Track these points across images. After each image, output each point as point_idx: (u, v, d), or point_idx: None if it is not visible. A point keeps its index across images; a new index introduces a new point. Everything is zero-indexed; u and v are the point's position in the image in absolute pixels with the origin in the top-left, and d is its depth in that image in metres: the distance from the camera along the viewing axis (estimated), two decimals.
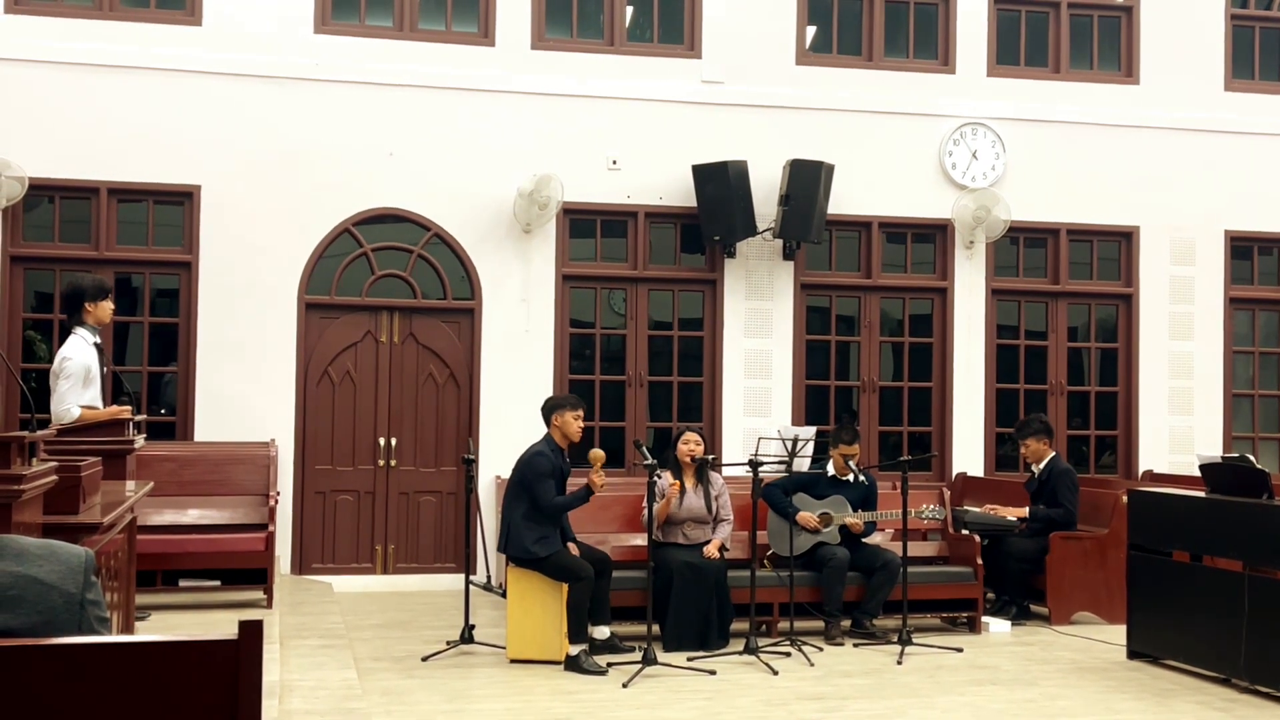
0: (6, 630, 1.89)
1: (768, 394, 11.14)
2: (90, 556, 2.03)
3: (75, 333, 7.32)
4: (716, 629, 8.19)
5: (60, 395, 7.09)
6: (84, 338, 7.30)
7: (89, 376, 7.18)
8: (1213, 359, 11.98)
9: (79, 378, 7.09)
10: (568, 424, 7.97)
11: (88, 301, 7.36)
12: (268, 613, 8.17)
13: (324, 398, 10.53)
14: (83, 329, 7.33)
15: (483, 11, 10.85)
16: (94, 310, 7.37)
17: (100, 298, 7.40)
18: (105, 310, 7.45)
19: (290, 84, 10.42)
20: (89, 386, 7.16)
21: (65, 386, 7.09)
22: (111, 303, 7.54)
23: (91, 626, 1.97)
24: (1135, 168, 11.82)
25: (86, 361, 7.19)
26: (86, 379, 7.15)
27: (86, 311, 7.35)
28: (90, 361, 7.23)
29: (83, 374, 7.13)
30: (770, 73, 11.23)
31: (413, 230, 10.70)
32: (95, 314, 7.38)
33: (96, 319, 7.40)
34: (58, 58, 10.02)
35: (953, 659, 8.07)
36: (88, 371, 7.17)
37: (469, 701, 6.85)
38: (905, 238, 11.64)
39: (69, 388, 7.07)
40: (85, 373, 7.15)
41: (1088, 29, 12.04)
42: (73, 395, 7.05)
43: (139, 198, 10.30)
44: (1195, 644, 7.51)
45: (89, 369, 7.19)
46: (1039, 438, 9.76)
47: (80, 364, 7.13)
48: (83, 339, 7.29)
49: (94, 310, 7.37)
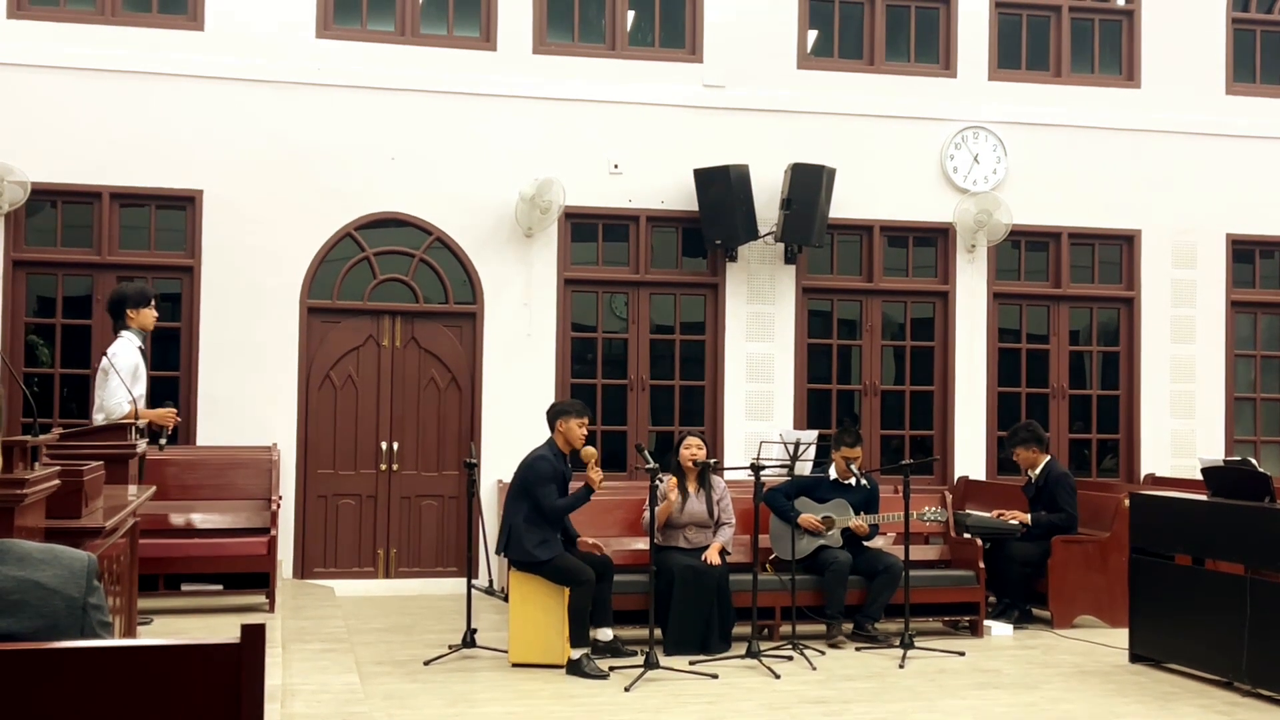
0: (9, 635, 1.89)
1: (769, 398, 11.14)
2: (93, 561, 2.03)
3: (122, 335, 7.60)
4: (718, 633, 8.19)
5: (111, 390, 7.34)
6: (129, 339, 7.57)
7: (137, 374, 7.43)
8: (1214, 362, 11.97)
9: (128, 373, 7.32)
10: (572, 430, 7.98)
11: (129, 308, 7.63)
12: (270, 617, 8.16)
13: (326, 402, 10.53)
14: (128, 332, 7.61)
15: (484, 16, 10.86)
16: (136, 316, 7.65)
17: (142, 304, 7.68)
18: (148, 317, 7.72)
19: (292, 88, 10.43)
20: (136, 383, 7.41)
21: (116, 381, 7.31)
22: (154, 310, 7.80)
23: (94, 631, 1.97)
24: (1137, 171, 11.83)
25: (134, 360, 7.47)
26: (134, 376, 7.39)
27: (129, 317, 7.62)
28: (138, 360, 7.52)
29: (131, 371, 7.37)
30: (772, 76, 11.23)
31: (414, 234, 10.70)
32: (138, 320, 7.66)
33: (140, 324, 7.67)
34: (60, 62, 10.03)
35: (955, 663, 8.06)
36: (135, 369, 7.43)
37: (471, 705, 6.85)
38: (907, 241, 11.65)
39: (118, 383, 7.28)
40: (134, 370, 7.40)
41: (1089, 32, 12.04)
42: (122, 391, 7.26)
43: (141, 202, 10.31)
44: (1197, 647, 7.51)
45: (137, 367, 7.46)
46: (1027, 447, 9.75)
47: (129, 361, 7.41)
48: (128, 340, 7.57)
49: (136, 316, 7.65)
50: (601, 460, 8.09)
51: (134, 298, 7.68)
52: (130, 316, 7.62)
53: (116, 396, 7.28)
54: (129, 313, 7.62)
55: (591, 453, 7.81)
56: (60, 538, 3.82)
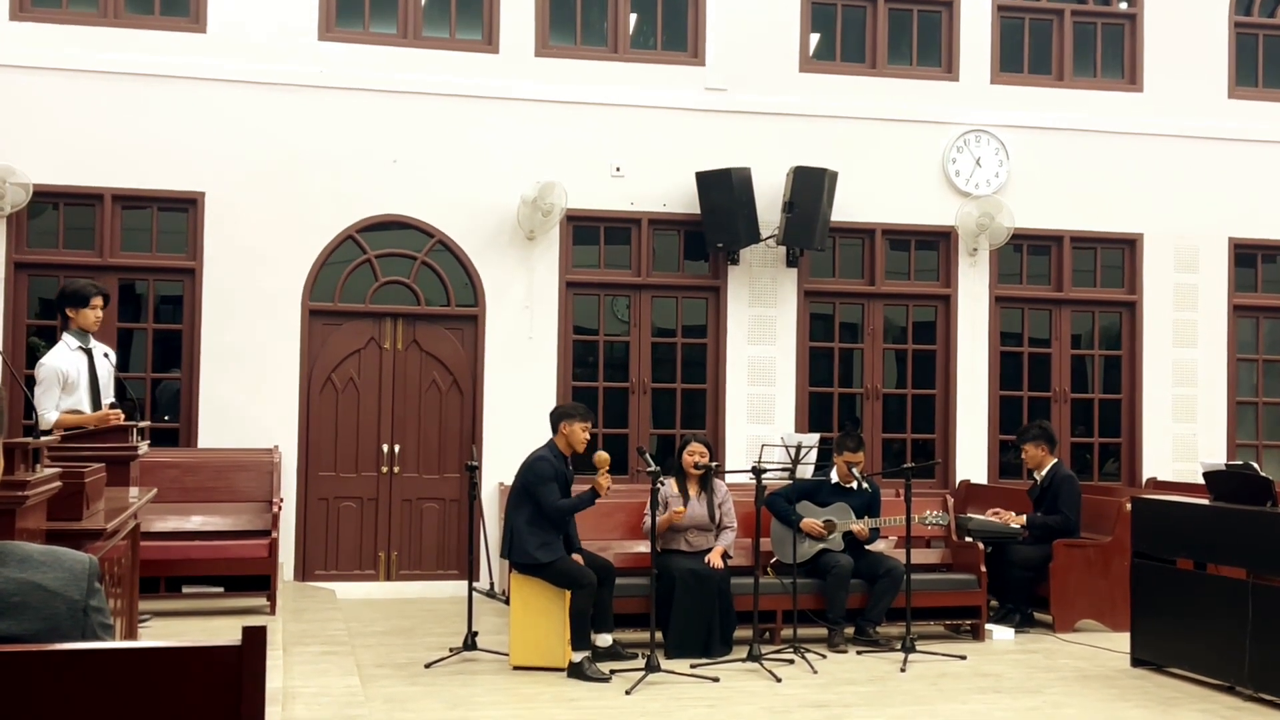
0: (10, 637, 1.89)
1: (771, 401, 11.14)
2: (94, 563, 2.03)
3: (61, 339, 7.34)
4: (719, 636, 8.19)
5: (35, 400, 7.12)
6: (67, 344, 7.29)
7: (68, 383, 7.14)
8: (1216, 366, 11.97)
9: (52, 383, 7.09)
10: (575, 434, 7.98)
11: (67, 307, 7.31)
12: (270, 619, 8.16)
13: (327, 404, 10.53)
14: (67, 335, 7.32)
15: (486, 19, 10.86)
16: (75, 316, 7.30)
17: (79, 304, 7.31)
18: (86, 317, 7.33)
19: (294, 91, 10.43)
20: (71, 393, 7.14)
21: (39, 391, 7.12)
22: (96, 310, 7.38)
23: (95, 633, 1.97)
24: (1139, 175, 11.82)
25: (61, 367, 7.15)
26: (66, 385, 7.12)
27: (69, 317, 7.31)
28: (67, 367, 7.18)
29: (57, 380, 7.10)
30: (774, 80, 11.23)
31: (416, 237, 10.70)
32: (77, 320, 7.31)
33: (81, 324, 7.32)
34: (62, 64, 10.04)
35: (956, 667, 8.05)
36: (64, 377, 7.13)
37: (472, 709, 6.85)
38: (909, 245, 11.64)
39: (43, 392, 7.10)
40: (61, 379, 7.12)
41: (1091, 36, 12.04)
42: (48, 399, 7.06)
43: (143, 204, 10.31)
44: (1199, 652, 7.50)
45: (65, 375, 7.14)
46: (1037, 443, 9.74)
47: (53, 369, 7.12)
48: (65, 345, 7.28)
49: (75, 316, 7.30)
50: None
51: (72, 297, 7.31)
52: (70, 316, 7.28)
53: (41, 407, 7.01)
54: (67, 311, 7.29)
55: (605, 458, 7.80)
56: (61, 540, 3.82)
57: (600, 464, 7.74)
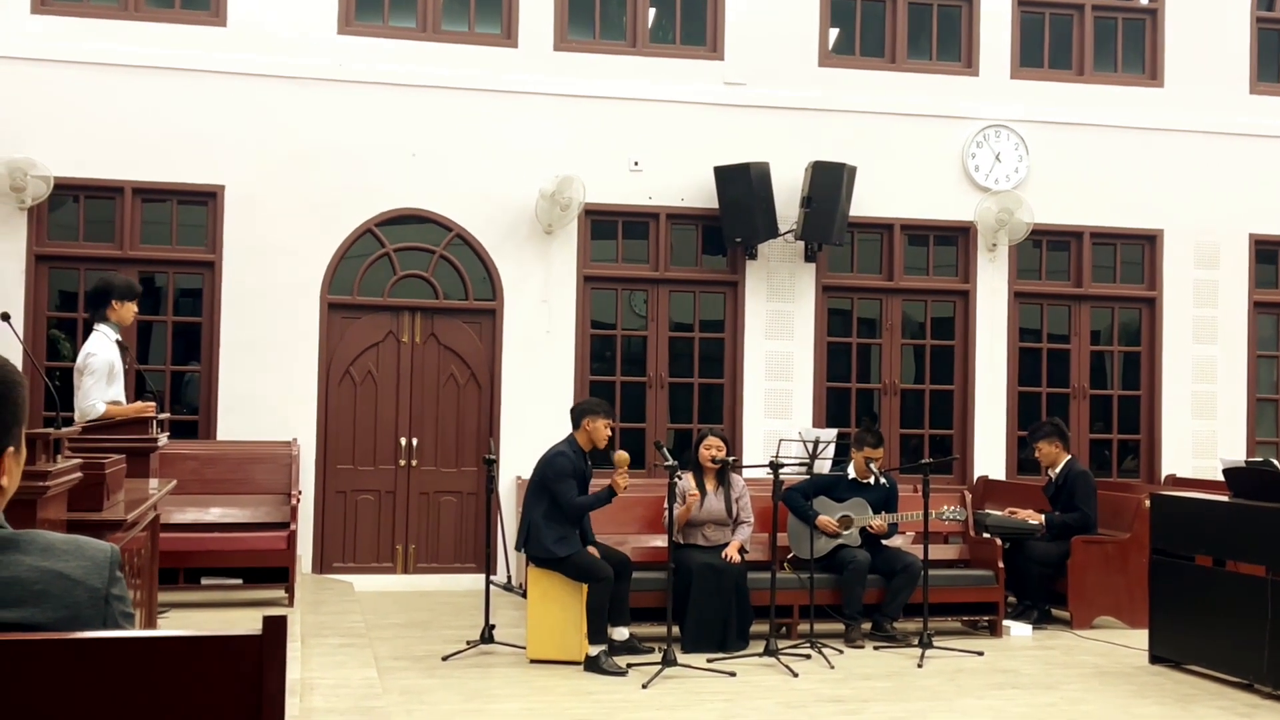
0: (32, 625, 1.90)
1: (788, 396, 11.13)
2: (116, 552, 2.03)
3: (97, 329, 7.36)
4: (736, 631, 8.19)
5: (85, 391, 7.12)
6: (106, 334, 7.33)
7: (113, 373, 7.21)
8: (1236, 363, 11.92)
9: (103, 374, 7.13)
10: (598, 430, 7.99)
11: (115, 299, 7.39)
12: (289, 611, 8.19)
13: (345, 397, 10.55)
14: (105, 326, 7.36)
15: (505, 13, 10.87)
16: (118, 309, 7.39)
17: (128, 298, 7.44)
18: (128, 311, 7.47)
19: (314, 85, 10.45)
20: (113, 383, 7.20)
21: (90, 382, 7.11)
22: (136, 307, 7.56)
23: (117, 622, 1.97)
24: (1159, 171, 11.78)
25: (110, 358, 7.23)
26: (110, 375, 7.18)
27: (111, 309, 7.37)
28: (114, 358, 7.27)
29: (107, 370, 7.16)
30: (793, 74, 11.21)
31: (435, 231, 10.72)
32: (119, 313, 7.40)
33: (119, 318, 7.41)
34: (83, 58, 10.07)
35: (973, 662, 8.04)
36: (111, 368, 7.21)
37: (489, 701, 6.86)
38: (927, 240, 11.62)
39: (94, 383, 7.10)
40: (109, 369, 7.19)
41: (1112, 31, 11.99)
42: (97, 391, 7.09)
43: (163, 197, 10.35)
44: (1218, 649, 7.47)
45: (113, 365, 7.23)
46: (1051, 440, 9.71)
47: (104, 360, 7.17)
48: (105, 335, 7.32)
49: (118, 309, 7.39)
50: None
51: (121, 289, 7.44)
52: (113, 308, 7.37)
53: (91, 397, 7.08)
54: (113, 303, 7.37)
55: (625, 458, 7.80)
56: (82, 530, 3.84)
57: (620, 463, 7.74)
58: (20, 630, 1.88)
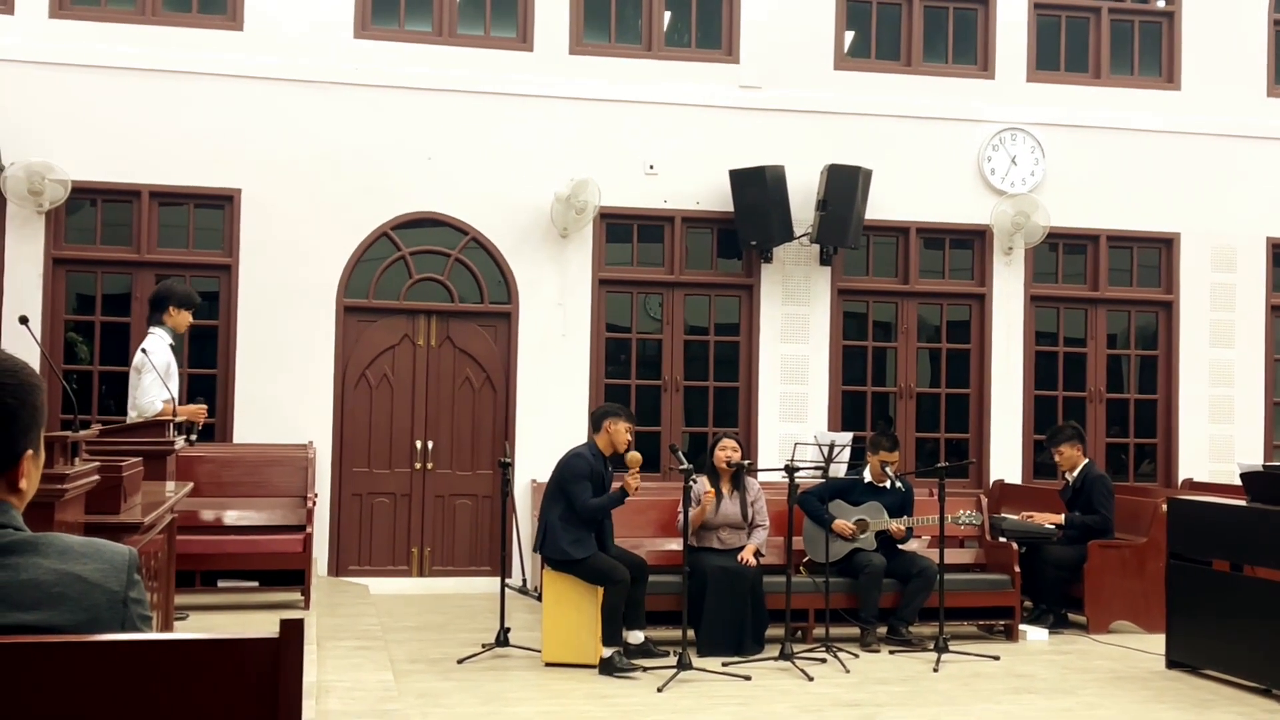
0: (50, 627, 1.90)
1: (804, 399, 11.12)
2: (134, 555, 2.04)
3: (153, 331, 7.65)
4: (751, 635, 8.18)
5: (145, 388, 7.38)
6: (161, 337, 7.60)
7: (169, 373, 7.45)
8: (1254, 366, 11.86)
9: (163, 371, 7.34)
10: (619, 433, 7.99)
11: (173, 305, 7.67)
12: (305, 614, 8.20)
13: (361, 400, 10.57)
14: (160, 329, 7.63)
15: (521, 16, 10.88)
16: (175, 315, 7.68)
17: (185, 306, 7.74)
18: (184, 319, 7.75)
19: (330, 88, 10.48)
20: (169, 382, 7.41)
21: (149, 380, 7.35)
22: (192, 316, 7.84)
23: (134, 624, 1.98)
24: (1176, 174, 11.74)
25: (167, 358, 7.50)
26: (167, 375, 7.40)
27: (169, 314, 7.65)
28: (170, 359, 7.54)
29: (165, 369, 7.38)
30: (808, 77, 11.20)
31: (450, 234, 10.74)
32: (175, 319, 7.68)
33: (175, 324, 7.69)
34: (100, 62, 10.11)
35: (990, 667, 8.02)
36: (168, 368, 7.46)
37: (504, 704, 6.87)
38: (943, 243, 11.59)
39: (152, 381, 7.34)
40: (166, 368, 7.42)
41: (1128, 34, 11.96)
42: (156, 388, 7.32)
43: (180, 201, 10.38)
44: (1235, 654, 7.44)
45: (169, 365, 7.49)
46: (1072, 444, 9.69)
47: (162, 360, 7.41)
48: (160, 338, 7.59)
49: (175, 315, 7.68)
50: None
51: (181, 298, 7.74)
52: (170, 314, 7.65)
53: (150, 394, 7.33)
54: (171, 309, 7.66)
55: (637, 458, 7.79)
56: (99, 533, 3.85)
57: (632, 464, 7.74)
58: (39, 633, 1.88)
